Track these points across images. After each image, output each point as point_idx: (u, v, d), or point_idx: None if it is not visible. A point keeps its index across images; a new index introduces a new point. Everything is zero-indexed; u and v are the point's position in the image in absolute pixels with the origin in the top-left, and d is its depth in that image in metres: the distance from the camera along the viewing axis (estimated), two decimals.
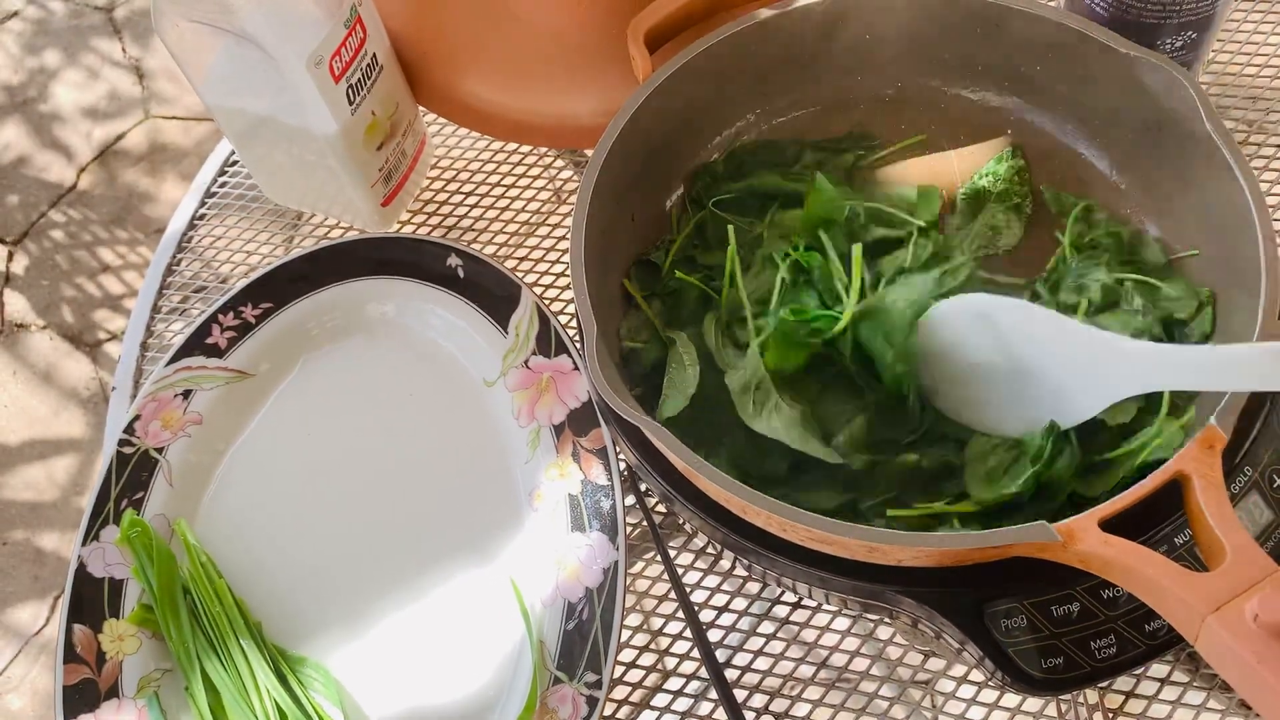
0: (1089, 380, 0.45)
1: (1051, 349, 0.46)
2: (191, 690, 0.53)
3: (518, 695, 0.52)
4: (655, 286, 0.56)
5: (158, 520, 0.58)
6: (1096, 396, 0.46)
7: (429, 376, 0.62)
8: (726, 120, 0.61)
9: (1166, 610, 0.38)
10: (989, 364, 0.48)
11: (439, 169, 0.74)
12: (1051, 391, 0.47)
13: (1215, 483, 0.40)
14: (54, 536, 1.48)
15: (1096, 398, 0.46)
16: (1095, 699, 0.54)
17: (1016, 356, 0.48)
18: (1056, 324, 0.46)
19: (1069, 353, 0.46)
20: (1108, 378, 0.45)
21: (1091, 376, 0.45)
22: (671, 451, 0.44)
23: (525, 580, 0.55)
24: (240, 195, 0.76)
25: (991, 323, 0.48)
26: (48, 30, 1.99)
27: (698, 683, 0.55)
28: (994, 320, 0.48)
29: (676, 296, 0.55)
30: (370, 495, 0.59)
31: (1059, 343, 0.46)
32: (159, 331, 0.70)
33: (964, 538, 0.43)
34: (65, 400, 1.59)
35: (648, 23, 0.56)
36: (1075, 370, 0.46)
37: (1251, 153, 0.67)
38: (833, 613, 0.56)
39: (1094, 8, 0.58)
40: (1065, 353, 0.46)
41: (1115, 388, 0.45)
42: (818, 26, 0.58)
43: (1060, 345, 0.46)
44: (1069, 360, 0.46)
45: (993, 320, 0.48)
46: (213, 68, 0.60)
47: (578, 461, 0.57)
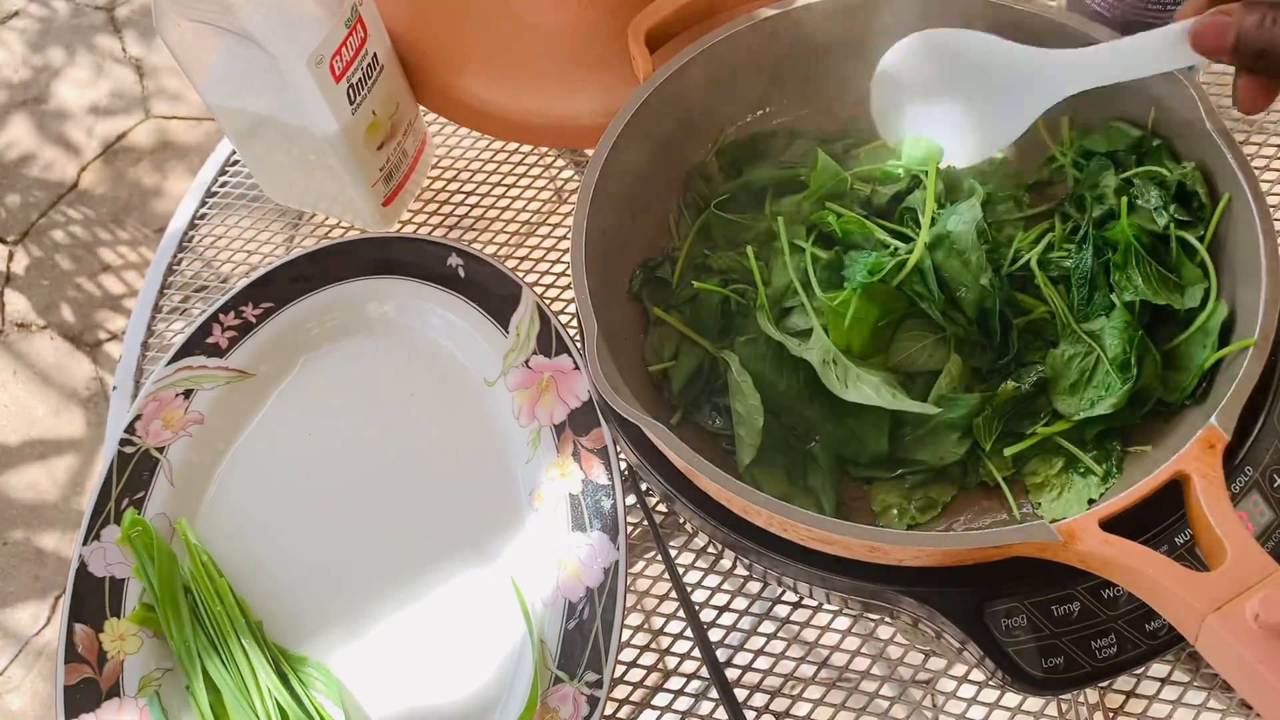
0: (1025, 89, 0.52)
1: (987, 68, 0.53)
2: (192, 689, 0.53)
3: (518, 695, 0.52)
4: (669, 298, 0.56)
5: (159, 519, 0.58)
6: (1033, 103, 0.52)
7: (429, 376, 0.62)
8: (727, 120, 0.61)
9: (1167, 610, 0.38)
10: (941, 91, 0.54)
11: (439, 169, 0.74)
12: (995, 109, 0.53)
13: (1215, 483, 0.40)
14: (54, 536, 1.48)
15: (1033, 104, 0.52)
16: (1095, 699, 0.54)
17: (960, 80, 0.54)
18: (986, 42, 0.52)
19: (1003, 68, 0.52)
20: (1040, 84, 0.51)
21: (1026, 86, 0.52)
22: (672, 451, 0.44)
23: (526, 580, 0.55)
24: (241, 195, 0.76)
25: (937, 52, 0.54)
26: (50, 29, 1.99)
27: (698, 682, 0.55)
28: (939, 48, 0.54)
29: (695, 305, 0.55)
30: (371, 495, 0.59)
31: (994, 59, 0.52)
32: (160, 331, 0.70)
33: (964, 538, 0.43)
34: (66, 400, 1.59)
35: (648, 23, 0.56)
36: (1013, 83, 0.52)
37: (1252, 153, 0.67)
38: (833, 612, 0.56)
39: (1094, 8, 0.58)
40: (1000, 69, 0.52)
41: (1048, 92, 0.51)
42: (818, 26, 0.58)
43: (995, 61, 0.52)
44: (1005, 76, 0.52)
45: (937, 49, 0.54)
46: (214, 67, 0.60)
47: (578, 461, 0.57)
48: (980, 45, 0.53)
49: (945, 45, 0.54)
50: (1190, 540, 0.43)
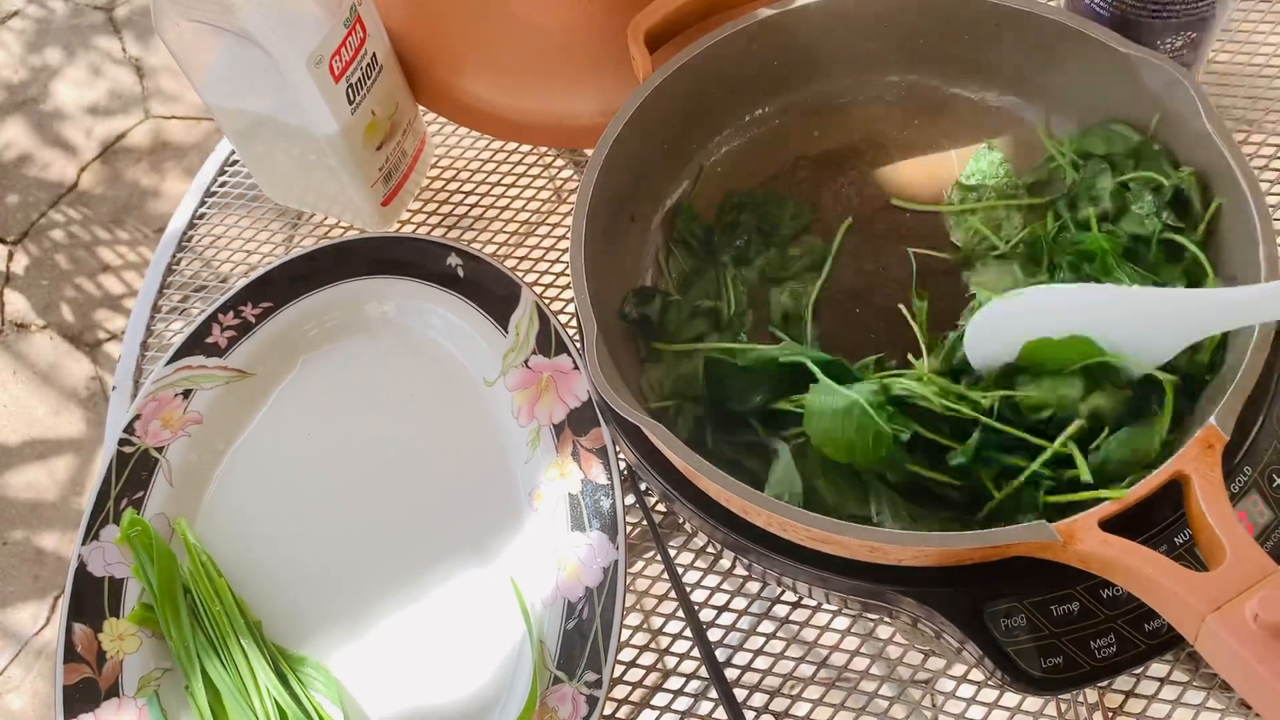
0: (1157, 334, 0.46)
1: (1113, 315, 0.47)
2: (192, 689, 0.53)
3: (518, 695, 0.52)
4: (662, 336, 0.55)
5: (158, 519, 0.58)
6: (1168, 344, 0.46)
7: (429, 376, 0.62)
8: (727, 119, 0.61)
9: (1166, 610, 0.38)
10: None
11: (439, 168, 0.74)
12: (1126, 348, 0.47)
13: (1215, 483, 0.40)
14: (54, 536, 1.48)
15: (1169, 345, 0.46)
16: (1095, 698, 0.54)
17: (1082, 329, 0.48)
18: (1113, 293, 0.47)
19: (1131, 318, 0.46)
20: (1174, 327, 0.46)
21: (1159, 330, 0.46)
22: (671, 451, 0.44)
23: (525, 580, 0.55)
24: (240, 195, 0.76)
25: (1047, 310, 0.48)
26: (48, 29, 1.99)
27: (698, 682, 0.55)
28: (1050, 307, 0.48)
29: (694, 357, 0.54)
30: (370, 494, 0.59)
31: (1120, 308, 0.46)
32: (159, 331, 0.70)
33: (964, 538, 0.43)
34: (65, 400, 1.59)
35: (648, 22, 0.56)
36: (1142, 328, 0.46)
37: (1251, 153, 0.67)
38: (833, 612, 0.56)
39: (1094, 8, 0.58)
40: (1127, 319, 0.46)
41: (1184, 334, 0.46)
42: (817, 26, 0.58)
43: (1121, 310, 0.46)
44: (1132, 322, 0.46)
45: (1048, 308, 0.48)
46: (213, 67, 0.60)
47: (578, 461, 0.57)
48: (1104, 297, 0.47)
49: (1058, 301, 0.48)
50: (1189, 540, 0.43)
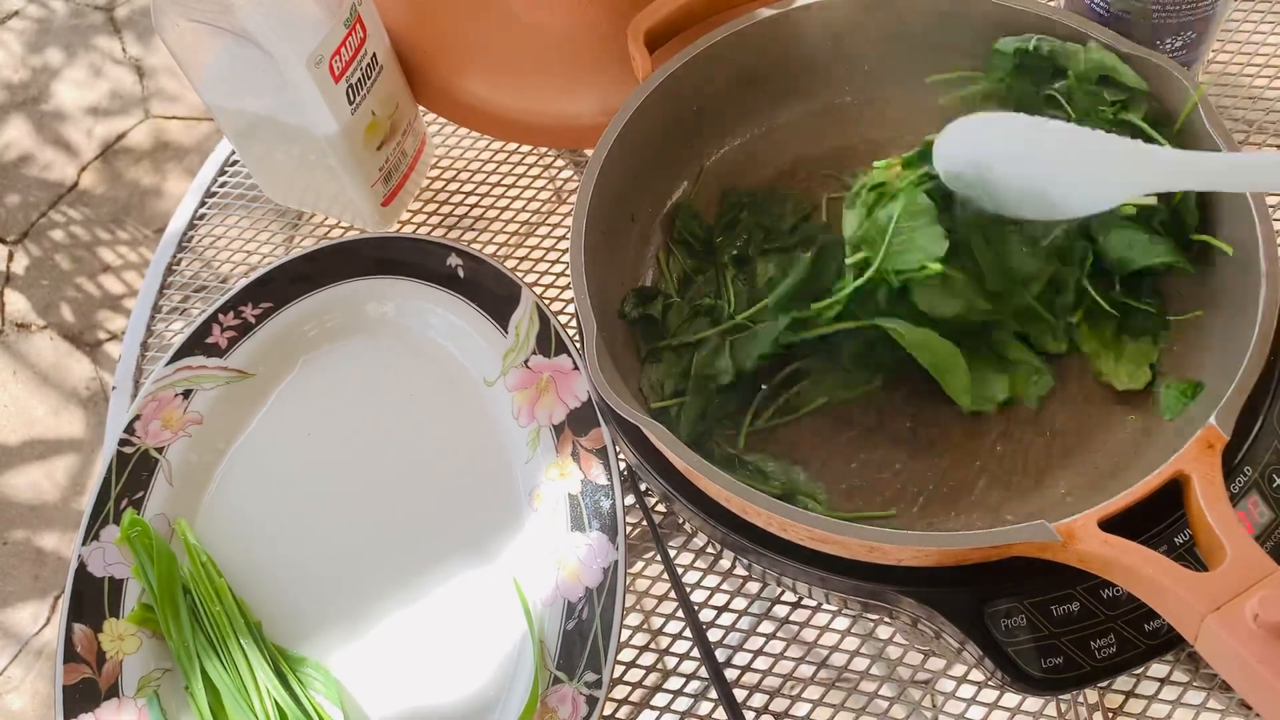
0: (1108, 181, 0.47)
1: (1070, 154, 0.48)
2: (191, 689, 0.53)
3: (518, 695, 0.52)
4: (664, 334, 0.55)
5: (158, 520, 0.58)
6: (1118, 192, 0.48)
7: (429, 376, 0.62)
8: (727, 119, 0.61)
9: (1166, 610, 0.38)
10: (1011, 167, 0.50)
11: (439, 168, 0.74)
12: (1072, 188, 0.49)
13: (1215, 482, 0.40)
14: (54, 536, 1.48)
15: (1118, 193, 0.48)
16: (1095, 699, 0.54)
17: (1037, 160, 0.50)
18: (1078, 134, 0.48)
19: (1087, 159, 0.48)
20: (1127, 178, 0.47)
21: (1111, 177, 0.47)
22: (671, 451, 0.44)
23: (525, 580, 0.55)
24: (240, 195, 0.76)
25: (1010, 135, 0.50)
26: (49, 30, 1.99)
27: (698, 682, 0.55)
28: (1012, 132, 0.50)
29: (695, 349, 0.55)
30: (370, 495, 0.59)
31: (1080, 149, 0.48)
32: (159, 331, 0.70)
33: (964, 538, 0.43)
34: (65, 400, 1.59)
35: (647, 22, 0.56)
36: (1094, 173, 0.48)
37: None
38: (832, 612, 0.56)
39: (1094, 8, 0.58)
40: (1084, 158, 0.48)
41: (1132, 186, 0.47)
42: (818, 27, 0.58)
43: (1080, 151, 0.48)
44: (1087, 165, 0.48)
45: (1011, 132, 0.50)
46: (213, 67, 0.60)
47: (577, 461, 0.57)
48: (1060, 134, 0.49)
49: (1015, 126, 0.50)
50: (1189, 540, 0.43)
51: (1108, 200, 0.48)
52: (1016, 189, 0.50)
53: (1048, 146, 0.49)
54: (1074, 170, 0.48)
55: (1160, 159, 0.46)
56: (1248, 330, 0.45)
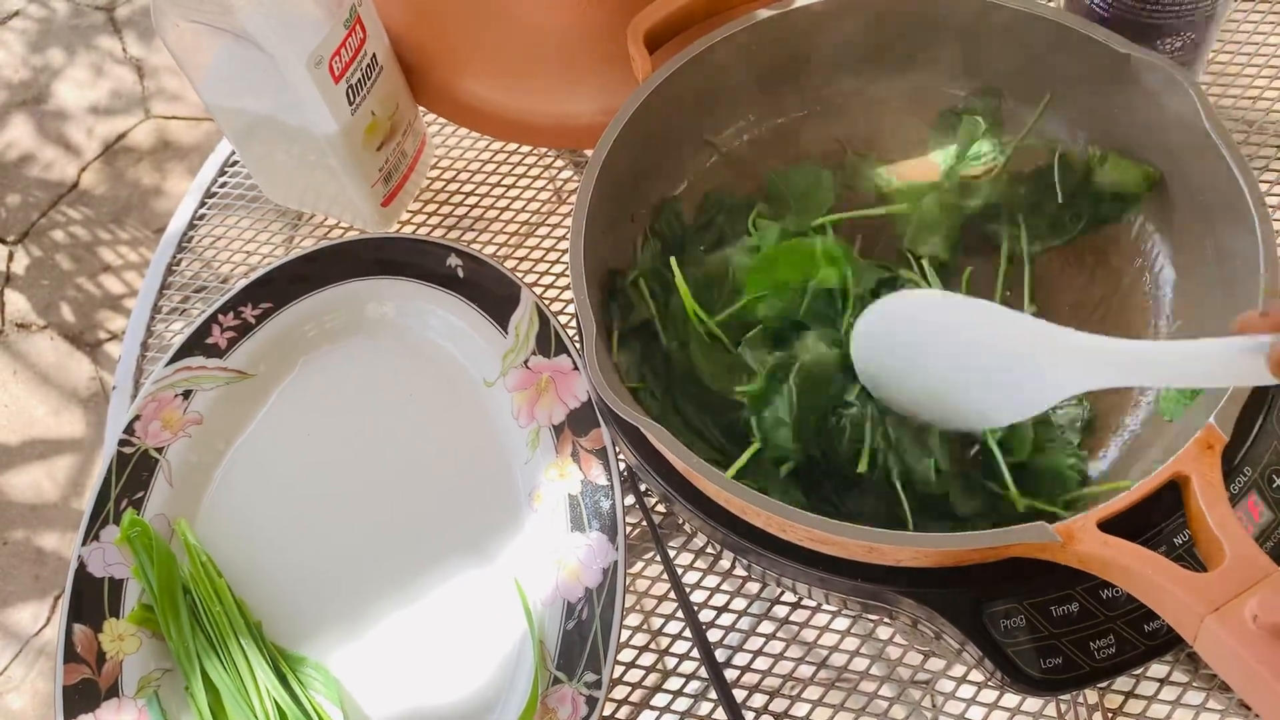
0: (1032, 377, 0.43)
1: (991, 343, 0.44)
2: (191, 690, 0.53)
3: (517, 695, 0.52)
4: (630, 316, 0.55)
5: (158, 520, 0.58)
6: (1041, 394, 0.43)
7: (429, 376, 0.62)
8: (727, 119, 0.61)
9: (1165, 611, 0.38)
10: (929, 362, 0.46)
11: (439, 169, 0.74)
12: (993, 388, 0.45)
13: (1214, 483, 0.40)
14: (54, 536, 1.48)
15: (1045, 395, 0.43)
16: (1095, 699, 0.54)
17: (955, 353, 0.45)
18: (998, 316, 0.43)
19: (1011, 347, 0.43)
20: (1054, 374, 0.42)
21: (1037, 371, 0.42)
22: (671, 452, 0.44)
23: (525, 580, 0.55)
24: (240, 195, 0.76)
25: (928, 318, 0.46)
26: (50, 29, 1.99)
27: (697, 682, 0.55)
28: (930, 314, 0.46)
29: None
30: (370, 495, 0.59)
31: (1003, 336, 0.43)
32: (159, 331, 0.70)
33: (964, 538, 0.43)
34: (65, 400, 1.59)
35: (647, 23, 0.56)
36: (1016, 367, 0.43)
37: (1251, 153, 0.67)
38: (832, 612, 0.56)
39: (1094, 8, 0.58)
40: (1007, 347, 0.43)
41: (1066, 384, 0.42)
42: (818, 27, 0.58)
43: (1005, 339, 0.43)
44: (1010, 355, 0.43)
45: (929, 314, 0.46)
46: (213, 67, 0.60)
47: (577, 461, 0.57)
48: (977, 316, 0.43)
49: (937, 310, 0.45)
50: (1189, 541, 0.43)
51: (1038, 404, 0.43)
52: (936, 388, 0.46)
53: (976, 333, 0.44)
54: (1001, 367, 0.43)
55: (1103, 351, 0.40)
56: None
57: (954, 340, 0.45)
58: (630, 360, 0.54)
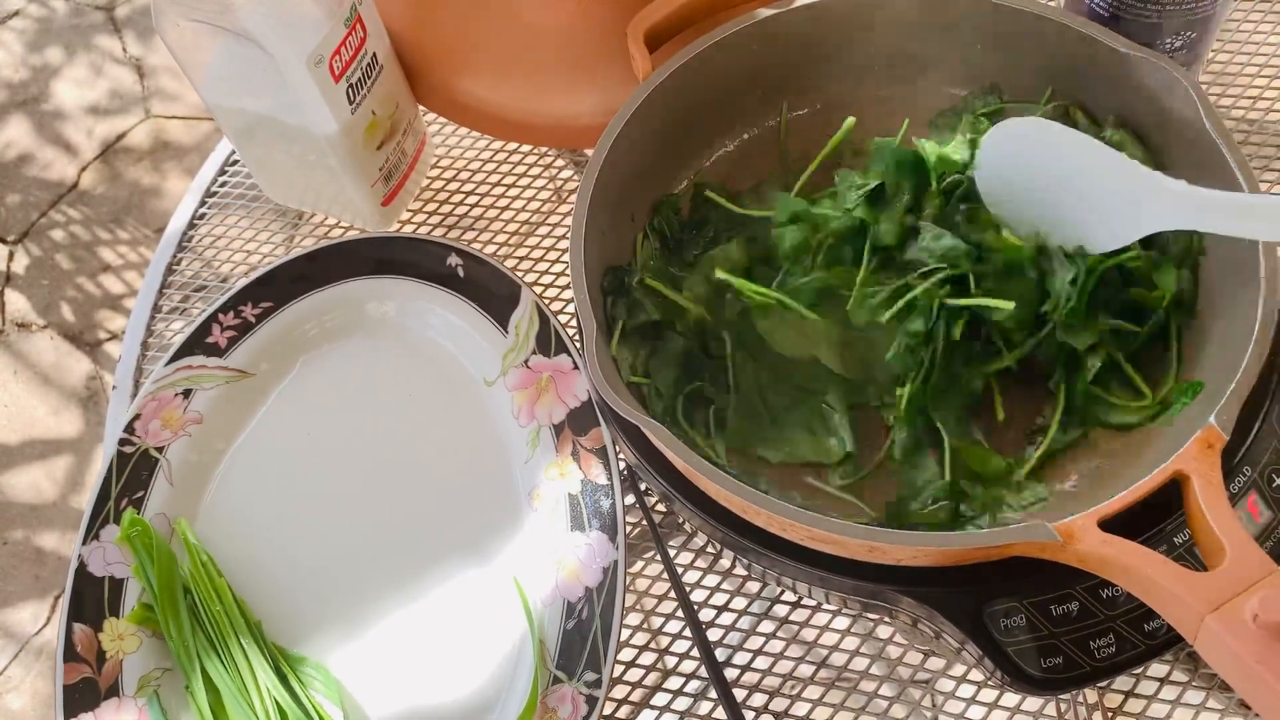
0: (1127, 210, 0.47)
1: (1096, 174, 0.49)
2: (192, 689, 0.53)
3: (517, 695, 0.52)
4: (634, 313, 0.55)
5: (158, 519, 0.58)
6: (1133, 226, 0.48)
7: (429, 376, 0.62)
8: (726, 119, 0.61)
9: (1166, 610, 0.38)
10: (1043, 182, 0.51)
11: (439, 168, 0.74)
12: (1095, 214, 0.49)
13: (1214, 482, 0.40)
14: (54, 536, 1.48)
15: (1133, 227, 0.48)
16: (1095, 698, 0.54)
17: (1066, 178, 0.50)
18: (1103, 153, 0.48)
19: (1111, 182, 0.48)
20: (1145, 210, 0.47)
21: (1130, 207, 0.47)
22: (671, 451, 0.44)
23: (525, 579, 0.55)
24: (241, 195, 0.76)
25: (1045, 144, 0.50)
26: (49, 29, 1.99)
27: (697, 682, 0.55)
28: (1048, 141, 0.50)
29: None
30: (370, 495, 0.59)
31: (1104, 170, 0.48)
32: (159, 331, 0.70)
33: (964, 537, 0.43)
34: (65, 400, 1.59)
35: (648, 22, 0.56)
36: (1116, 199, 0.48)
37: (1251, 153, 0.67)
38: (832, 612, 0.56)
39: (1094, 8, 0.58)
40: (1108, 181, 0.48)
41: (1151, 220, 0.47)
42: (818, 26, 0.58)
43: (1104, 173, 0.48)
44: (1111, 188, 0.48)
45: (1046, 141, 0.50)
46: (213, 67, 0.60)
47: (577, 461, 0.57)
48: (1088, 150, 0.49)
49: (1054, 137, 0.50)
50: (1189, 540, 0.43)
51: (1130, 234, 0.48)
52: (1046, 209, 0.51)
53: (1083, 163, 0.49)
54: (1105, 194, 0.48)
55: (1195, 198, 0.45)
56: (1247, 330, 0.45)
57: (1064, 165, 0.50)
58: (635, 357, 0.54)
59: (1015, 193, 0.52)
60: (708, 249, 0.57)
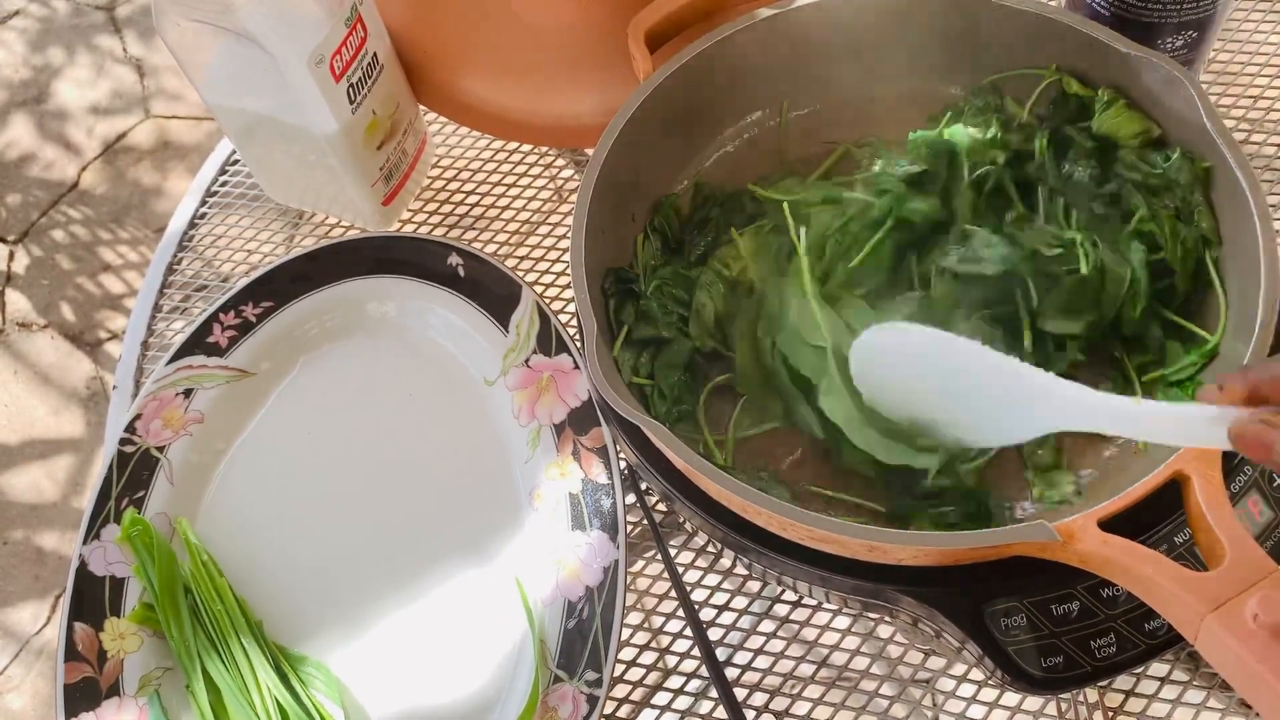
0: (1020, 412, 0.44)
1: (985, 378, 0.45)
2: (192, 688, 0.53)
3: (518, 694, 0.52)
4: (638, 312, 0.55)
5: (159, 519, 0.58)
6: (1027, 426, 0.45)
7: (429, 376, 0.62)
8: (727, 118, 0.61)
9: (1166, 610, 0.38)
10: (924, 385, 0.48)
11: (440, 168, 0.74)
12: (984, 415, 0.46)
13: (1215, 482, 0.40)
14: (54, 536, 1.48)
15: (1027, 427, 0.45)
16: (1095, 698, 0.54)
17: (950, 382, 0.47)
18: (982, 357, 0.45)
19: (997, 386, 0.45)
20: (1038, 413, 0.44)
21: (1022, 409, 0.44)
22: (671, 451, 0.44)
23: (525, 579, 0.55)
24: (241, 194, 0.76)
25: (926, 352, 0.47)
26: (50, 29, 1.99)
27: (698, 681, 0.55)
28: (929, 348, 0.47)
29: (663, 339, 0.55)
30: (371, 494, 0.59)
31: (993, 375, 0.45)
32: (160, 330, 0.70)
33: (964, 537, 0.43)
34: (66, 400, 1.59)
35: (648, 22, 0.56)
36: (1006, 401, 0.45)
37: (1252, 152, 0.67)
38: (833, 611, 0.56)
39: (1094, 7, 0.58)
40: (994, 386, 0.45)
41: (1045, 423, 0.44)
42: (817, 26, 0.58)
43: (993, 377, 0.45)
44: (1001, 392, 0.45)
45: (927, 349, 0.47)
46: (213, 67, 0.60)
47: (578, 460, 0.57)
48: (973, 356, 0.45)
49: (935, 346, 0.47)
50: (1189, 540, 0.43)
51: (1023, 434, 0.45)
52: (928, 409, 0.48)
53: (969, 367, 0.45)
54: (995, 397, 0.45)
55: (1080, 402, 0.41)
56: (1248, 329, 0.45)
57: (945, 371, 0.47)
58: (638, 359, 0.54)
59: (894, 395, 0.50)
60: (710, 249, 0.57)
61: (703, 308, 0.55)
